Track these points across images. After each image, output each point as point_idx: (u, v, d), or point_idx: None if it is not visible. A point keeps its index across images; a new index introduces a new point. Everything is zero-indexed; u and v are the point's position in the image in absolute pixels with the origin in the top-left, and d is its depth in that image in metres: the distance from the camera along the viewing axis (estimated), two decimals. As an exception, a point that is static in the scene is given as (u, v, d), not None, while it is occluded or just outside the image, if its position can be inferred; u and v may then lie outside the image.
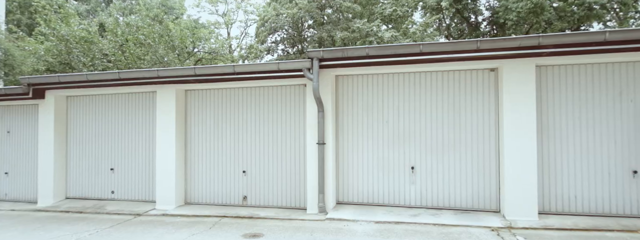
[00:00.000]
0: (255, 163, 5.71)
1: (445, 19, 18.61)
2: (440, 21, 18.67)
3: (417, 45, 4.52)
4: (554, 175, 4.64)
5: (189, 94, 6.05)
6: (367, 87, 5.34)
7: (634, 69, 4.48)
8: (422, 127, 5.11)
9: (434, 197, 5.04)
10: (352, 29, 14.60)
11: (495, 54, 4.49)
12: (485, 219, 4.56)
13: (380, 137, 5.26)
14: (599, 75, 4.57)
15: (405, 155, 5.16)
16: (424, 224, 4.52)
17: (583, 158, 4.58)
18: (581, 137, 4.59)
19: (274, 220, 5.03)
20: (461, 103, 4.99)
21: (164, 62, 14.77)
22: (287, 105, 5.58)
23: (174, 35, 15.02)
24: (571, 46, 4.19)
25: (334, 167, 5.34)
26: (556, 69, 4.67)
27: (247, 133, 5.76)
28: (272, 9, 15.44)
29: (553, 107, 4.67)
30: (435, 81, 5.09)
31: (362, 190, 5.32)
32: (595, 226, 4.18)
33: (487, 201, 4.86)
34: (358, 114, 5.36)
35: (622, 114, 4.50)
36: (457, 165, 4.97)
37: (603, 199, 4.52)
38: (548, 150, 4.67)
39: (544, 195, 4.67)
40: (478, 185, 4.90)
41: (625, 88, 4.50)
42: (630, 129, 4.47)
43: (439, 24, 18.62)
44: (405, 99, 5.19)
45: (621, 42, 4.07)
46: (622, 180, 4.47)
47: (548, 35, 4.14)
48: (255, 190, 5.71)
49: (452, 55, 4.55)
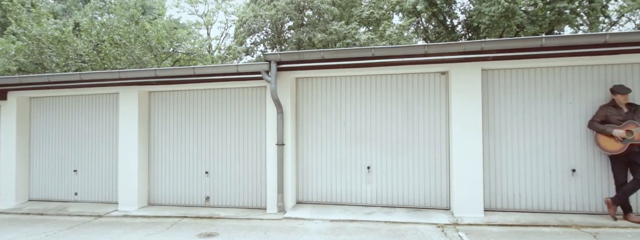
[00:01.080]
0: (218, 164, 5.79)
1: (423, 21, 19.01)
2: (419, 24, 19.05)
3: (369, 50, 4.68)
4: (500, 173, 4.87)
5: (153, 96, 6.09)
6: (326, 89, 5.49)
7: (572, 72, 4.75)
8: (378, 128, 5.28)
9: (388, 195, 5.21)
10: (330, 31, 14.78)
11: (444, 58, 4.68)
12: (434, 216, 4.75)
13: (339, 137, 5.41)
14: (541, 79, 4.82)
15: (362, 155, 5.32)
16: (376, 222, 4.68)
17: (526, 157, 4.82)
18: (524, 137, 4.83)
19: (232, 220, 5.12)
20: (415, 105, 5.18)
21: (141, 63, 14.67)
22: (249, 106, 5.69)
23: (150, 36, 14.92)
24: (512, 51, 4.41)
25: (294, 168, 5.46)
26: (501, 72, 4.90)
27: (210, 134, 5.84)
28: (250, 10, 15.48)
29: (498, 109, 4.89)
30: (391, 84, 5.27)
31: (321, 190, 5.45)
32: (534, 222, 4.41)
33: (439, 199, 5.05)
34: (317, 115, 5.50)
35: (562, 115, 4.75)
36: (411, 165, 5.16)
37: (545, 196, 4.76)
38: (494, 150, 4.89)
39: (490, 193, 4.89)
40: (430, 184, 5.09)
41: (565, 91, 4.75)
42: (569, 130, 4.72)
43: (417, 27, 19.00)
44: (363, 100, 5.35)
45: (557, 48, 4.31)
46: (562, 178, 4.72)
47: (489, 41, 4.36)
48: (217, 190, 5.78)
49: (403, 59, 4.73)
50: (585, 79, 4.71)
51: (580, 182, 4.68)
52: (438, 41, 18.17)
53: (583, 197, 4.67)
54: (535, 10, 17.24)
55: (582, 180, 4.68)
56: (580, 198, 4.68)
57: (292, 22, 17.76)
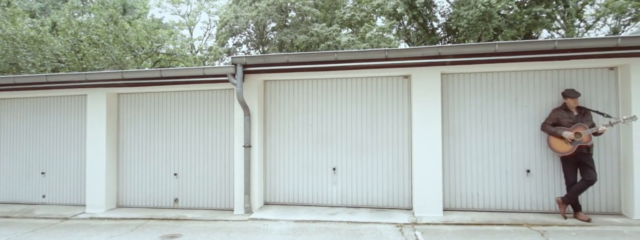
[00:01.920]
0: (186, 166, 5.81)
1: (405, 24, 19.26)
2: (401, 26, 19.30)
3: (332, 53, 4.79)
4: (459, 174, 5.03)
5: (122, 98, 6.08)
6: (293, 92, 5.57)
7: (527, 77, 4.94)
8: (343, 130, 5.39)
9: (353, 196, 5.32)
10: (311, 32, 14.87)
11: (406, 62, 4.82)
12: (396, 216, 4.88)
13: (305, 139, 5.50)
14: (498, 83, 5.00)
15: (328, 157, 5.42)
16: (338, 222, 4.78)
17: (484, 158, 4.99)
18: (482, 139, 5.00)
19: (198, 221, 5.15)
20: (379, 108, 5.30)
21: (121, 64, 14.53)
22: (217, 109, 5.73)
23: (130, 36, 14.78)
24: (468, 56, 4.57)
25: (262, 169, 5.53)
26: (460, 76, 5.06)
27: (179, 136, 5.86)
28: (232, 11, 15.47)
29: (458, 112, 5.05)
30: (356, 87, 5.38)
31: (288, 191, 5.53)
32: (489, 221, 4.57)
33: (401, 199, 5.19)
34: (285, 118, 5.57)
35: (518, 118, 4.93)
36: (375, 166, 5.28)
37: (501, 196, 4.94)
38: (454, 152, 5.05)
39: (450, 194, 5.04)
40: (393, 184, 5.22)
41: (521, 94, 4.94)
42: (525, 132, 4.91)
43: (399, 29, 19.24)
44: (329, 103, 5.45)
45: (511, 53, 4.48)
46: (517, 178, 4.90)
47: (445, 46, 4.50)
48: (186, 192, 5.81)
49: (366, 63, 4.85)
50: (539, 83, 4.91)
51: (534, 182, 4.87)
52: (419, 43, 18.45)
53: (537, 196, 4.86)
54: (513, 14, 17.66)
55: (536, 181, 4.87)
56: (534, 197, 4.86)
57: (274, 23, 17.81)
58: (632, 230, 4.06)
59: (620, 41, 4.15)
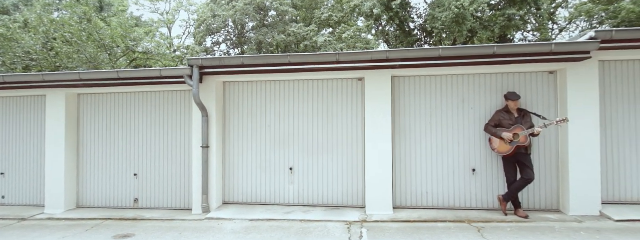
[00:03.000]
0: (146, 166, 5.86)
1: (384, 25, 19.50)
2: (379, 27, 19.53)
3: (285, 56, 4.91)
4: (409, 173, 5.22)
5: (82, 98, 6.08)
6: (252, 94, 5.67)
7: (473, 80, 5.15)
8: (300, 131, 5.52)
9: (309, 195, 5.47)
10: (288, 32, 14.95)
11: (359, 65, 4.97)
12: (348, 214, 5.04)
13: (264, 140, 5.61)
14: (446, 85, 5.20)
15: (285, 157, 5.54)
16: (291, 221, 4.92)
17: (433, 158, 5.19)
18: (431, 139, 5.20)
19: (155, 221, 5.22)
20: (335, 109, 5.45)
21: (95, 62, 14.35)
22: (177, 109, 5.79)
23: (104, 34, 14.60)
24: (415, 60, 4.76)
25: (221, 169, 5.62)
26: (410, 79, 5.25)
27: (139, 137, 5.89)
28: (209, 10, 15.42)
29: (408, 113, 5.24)
30: (313, 89, 5.52)
31: (247, 191, 5.64)
32: (434, 218, 4.77)
33: (355, 198, 5.35)
34: (244, 119, 5.67)
35: (464, 119, 5.15)
36: (331, 166, 5.43)
37: (449, 194, 5.15)
38: (405, 152, 5.24)
39: (401, 192, 5.24)
40: (348, 183, 5.38)
41: (467, 97, 5.16)
42: (471, 133, 5.13)
43: (377, 30, 19.47)
44: (287, 105, 5.58)
45: (454, 58, 4.68)
46: (464, 177, 5.12)
47: (393, 51, 4.67)
48: (146, 192, 5.85)
49: (318, 66, 4.99)
50: (485, 86, 5.13)
51: (479, 180, 5.10)
52: (397, 44, 18.72)
53: (482, 194, 5.09)
54: (488, 16, 18.08)
55: (481, 179, 5.10)
56: (479, 195, 5.10)
57: (253, 22, 17.81)
58: (563, 226, 4.32)
59: (554, 47, 4.39)
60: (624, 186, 4.85)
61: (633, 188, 4.83)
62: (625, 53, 4.68)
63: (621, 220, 4.36)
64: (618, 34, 4.33)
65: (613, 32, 4.32)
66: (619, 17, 15.39)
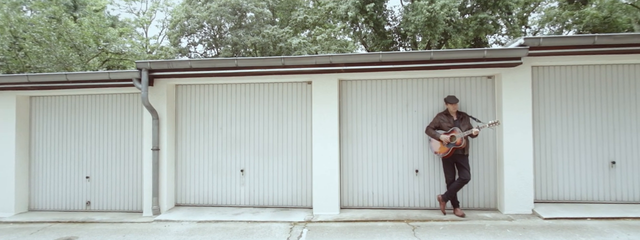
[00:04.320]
0: (99, 169, 5.86)
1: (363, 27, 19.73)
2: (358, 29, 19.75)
3: (232, 60, 5.00)
4: (356, 174, 5.37)
5: (34, 101, 6.03)
6: (204, 96, 5.74)
7: (416, 84, 5.34)
8: (251, 133, 5.61)
9: (260, 196, 5.56)
10: (263, 34, 15.00)
11: (306, 69, 5.09)
12: (295, 215, 5.15)
13: (216, 142, 5.68)
14: (391, 89, 5.37)
15: (237, 159, 5.63)
16: (238, 222, 5.01)
17: (379, 159, 5.35)
18: (378, 141, 5.36)
19: (103, 223, 5.23)
20: (285, 112, 5.56)
21: (65, 63, 14.13)
22: (128, 112, 5.81)
23: (75, 34, 14.39)
24: (357, 65, 4.91)
25: (173, 171, 5.66)
26: (356, 83, 5.40)
27: (92, 139, 5.89)
28: (184, 10, 15.36)
29: (355, 116, 5.40)
30: (263, 92, 5.62)
31: (199, 192, 5.70)
32: (376, 217, 4.93)
33: (304, 199, 5.47)
34: (196, 121, 5.73)
35: (408, 122, 5.33)
36: (280, 168, 5.54)
37: (393, 194, 5.32)
38: (352, 153, 5.39)
39: (348, 193, 5.38)
40: (297, 185, 5.50)
41: (411, 100, 5.34)
42: (414, 135, 5.31)
43: (355, 32, 19.69)
44: (238, 107, 5.66)
45: (394, 63, 4.85)
46: (407, 178, 5.30)
47: (336, 55, 4.82)
48: (98, 195, 5.85)
49: (265, 70, 5.09)
50: (427, 90, 5.32)
51: (422, 181, 5.28)
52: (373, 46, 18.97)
53: (424, 194, 5.27)
54: (462, 20, 18.49)
55: (424, 180, 5.28)
56: (422, 195, 5.28)
57: (230, 23, 17.80)
58: (494, 224, 4.52)
59: (486, 53, 4.60)
60: (556, 186, 5.10)
61: (565, 187, 5.09)
62: (557, 59, 4.93)
63: (549, 218, 4.59)
64: (545, 41, 4.56)
65: (540, 39, 4.55)
66: (583, 22, 15.96)
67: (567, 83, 5.11)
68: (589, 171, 5.05)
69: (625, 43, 4.53)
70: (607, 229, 4.15)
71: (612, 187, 5.01)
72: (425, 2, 15.27)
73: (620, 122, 5.02)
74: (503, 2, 17.39)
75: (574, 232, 4.09)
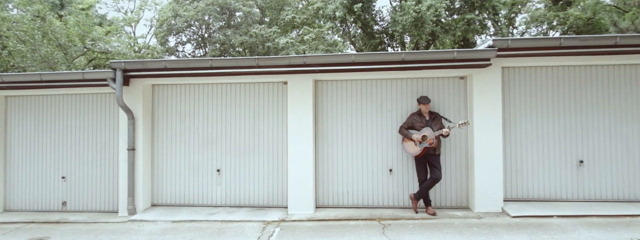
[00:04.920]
0: (75, 169, 5.84)
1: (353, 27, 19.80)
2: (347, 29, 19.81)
3: (206, 60, 5.02)
4: (331, 174, 5.42)
5: (9, 100, 5.99)
6: (181, 96, 5.74)
7: (391, 84, 5.41)
8: (228, 133, 5.64)
9: (236, 196, 5.59)
10: (250, 33, 15.00)
11: (280, 69, 5.13)
12: (270, 214, 5.19)
13: (192, 142, 5.69)
14: (366, 89, 5.43)
15: (213, 158, 5.64)
16: (213, 221, 5.03)
17: (354, 159, 5.41)
18: (352, 141, 5.42)
19: (77, 224, 5.22)
20: (261, 112, 5.60)
21: (50, 61, 14.01)
22: (104, 112, 5.79)
23: (59, 33, 14.25)
24: (330, 65, 4.96)
25: (149, 171, 5.66)
26: (332, 83, 5.46)
27: (68, 139, 5.86)
28: (171, 9, 15.28)
29: (329, 116, 5.45)
30: (240, 92, 5.64)
31: (175, 192, 5.71)
32: (349, 216, 4.98)
33: (279, 198, 5.51)
34: (173, 121, 5.74)
35: (382, 122, 5.39)
36: (256, 167, 5.57)
37: (368, 193, 5.38)
38: (327, 153, 5.44)
39: (323, 192, 5.43)
40: (273, 184, 5.53)
41: (385, 100, 5.40)
42: (388, 135, 5.37)
43: (344, 32, 19.74)
44: (215, 107, 5.68)
45: (367, 64, 4.91)
46: (381, 177, 5.37)
47: (309, 56, 4.86)
48: (74, 195, 5.83)
49: (239, 70, 5.12)
50: (401, 90, 5.39)
51: (396, 180, 5.35)
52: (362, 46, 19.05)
53: (398, 193, 5.34)
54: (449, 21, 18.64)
55: (397, 179, 5.35)
56: (396, 194, 5.35)
57: (219, 22, 17.75)
58: (462, 222, 4.60)
59: (456, 54, 4.68)
60: (526, 184, 5.20)
61: (534, 186, 5.19)
62: (526, 60, 5.03)
63: (517, 216, 4.69)
64: (513, 42, 4.65)
65: (508, 41, 4.64)
66: (567, 23, 16.19)
67: (537, 83, 5.21)
68: (558, 170, 5.16)
69: (591, 45, 4.64)
70: (570, 227, 4.25)
71: (580, 186, 5.13)
72: (412, 2, 15.37)
73: (588, 122, 5.14)
74: (490, 3, 17.56)
75: (538, 230, 4.19)
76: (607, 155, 5.09)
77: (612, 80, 5.12)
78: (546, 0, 18.07)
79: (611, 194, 5.09)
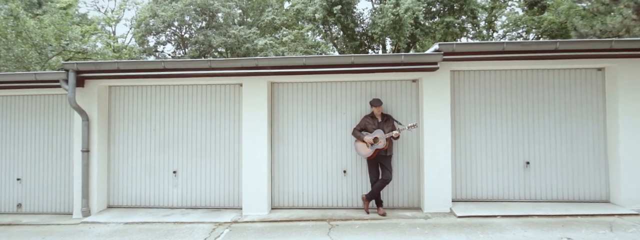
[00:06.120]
0: (31, 170, 5.78)
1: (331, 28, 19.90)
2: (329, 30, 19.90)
3: (160, 62, 5.03)
4: (287, 175, 5.48)
5: (-37, 101, 5.91)
6: (138, 98, 5.74)
7: (345, 87, 5.49)
8: (184, 135, 5.65)
9: (192, 198, 5.60)
10: (228, 34, 14.98)
11: (234, 71, 5.17)
12: (224, 216, 5.22)
13: (149, 144, 5.69)
14: (322, 92, 5.51)
15: (170, 160, 5.65)
16: (165, 223, 5.03)
17: (309, 160, 5.47)
18: (308, 143, 5.48)
19: (28, 226, 5.17)
20: (217, 114, 5.62)
21: (23, 61, 13.80)
22: (60, 113, 5.75)
23: (33, 32, 14.04)
24: (283, 68, 5.02)
25: (104, 173, 5.63)
26: (287, 85, 5.52)
27: (23, 140, 5.80)
28: (148, 9, 15.18)
29: (286, 118, 5.50)
30: (197, 94, 5.66)
31: (132, 194, 5.69)
32: (301, 217, 5.04)
33: (235, 200, 5.55)
34: (129, 123, 5.72)
35: (337, 124, 5.47)
36: (213, 169, 5.59)
37: (323, 194, 5.45)
38: (283, 155, 5.50)
39: (279, 193, 5.48)
40: (228, 186, 5.56)
41: (340, 103, 5.48)
42: (342, 136, 5.45)
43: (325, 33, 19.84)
44: (171, 109, 5.69)
45: (318, 66, 4.98)
46: (336, 178, 5.44)
47: (262, 58, 4.91)
48: (30, 197, 5.77)
49: (192, 72, 5.14)
50: (356, 93, 5.48)
51: (350, 181, 5.43)
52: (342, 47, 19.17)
53: (352, 194, 5.42)
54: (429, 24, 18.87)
55: (351, 180, 5.43)
56: (349, 195, 5.43)
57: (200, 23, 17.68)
58: (408, 222, 4.70)
59: (403, 58, 4.78)
60: (476, 185, 5.33)
61: (483, 187, 5.32)
62: (474, 64, 5.15)
63: (462, 216, 4.81)
64: (458, 46, 4.78)
65: (454, 46, 4.77)
66: (541, 27, 16.56)
67: (485, 87, 5.35)
68: (506, 171, 5.30)
69: (533, 49, 4.80)
70: (509, 226, 4.38)
71: (527, 187, 5.28)
72: (391, 5, 15.54)
73: (534, 125, 5.29)
74: (468, 6, 17.84)
75: (477, 230, 4.30)
76: (553, 156, 5.25)
77: (556, 83, 5.29)
78: (522, 4, 18.41)
79: (557, 194, 5.25)
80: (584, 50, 4.78)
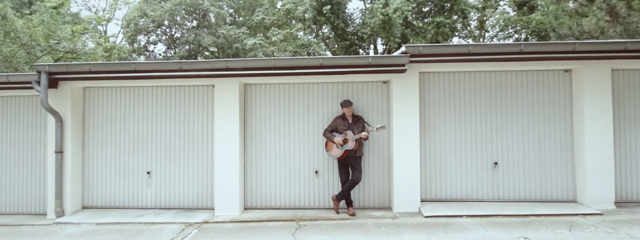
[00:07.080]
0: (4, 171, 5.80)
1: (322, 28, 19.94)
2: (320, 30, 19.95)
3: (130, 64, 5.07)
4: (260, 176, 5.53)
5: (-62, 102, 5.93)
6: (112, 99, 5.77)
7: (318, 88, 5.54)
8: (158, 136, 5.69)
9: (166, 198, 5.65)
10: (218, 34, 15.00)
11: (206, 73, 5.21)
12: (196, 216, 5.26)
13: (123, 144, 5.73)
14: (293, 93, 5.56)
15: (143, 161, 5.69)
16: (136, 223, 5.08)
17: (282, 161, 5.53)
18: (280, 143, 5.53)
19: (2, 226, 5.20)
20: (189, 115, 5.66)
21: (11, 61, 13.80)
22: (32, 114, 5.78)
23: (22, 32, 14.03)
24: (253, 69, 5.07)
25: (78, 174, 5.67)
26: (260, 87, 5.56)
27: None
28: (138, 9, 15.19)
29: (258, 119, 5.55)
30: (171, 95, 5.70)
31: (106, 194, 5.73)
32: (272, 217, 5.10)
33: (207, 200, 5.59)
34: (104, 124, 5.76)
35: (309, 125, 5.52)
36: (186, 169, 5.64)
37: (295, 195, 5.51)
38: (256, 155, 5.55)
39: (252, 193, 5.54)
40: (201, 186, 5.61)
41: (312, 104, 5.53)
42: (314, 137, 5.51)
43: (317, 33, 19.88)
44: (145, 110, 5.72)
45: (288, 68, 5.03)
46: (308, 178, 5.50)
47: (232, 60, 4.96)
48: (5, 197, 5.80)
49: (164, 73, 5.18)
50: (328, 94, 5.53)
51: (321, 181, 5.49)
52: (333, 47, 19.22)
53: (323, 194, 5.48)
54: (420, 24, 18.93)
55: (323, 180, 5.49)
56: (321, 195, 5.48)
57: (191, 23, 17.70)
58: (375, 223, 4.76)
59: (371, 60, 4.84)
60: (445, 185, 5.40)
61: (452, 187, 5.39)
62: (442, 66, 5.21)
63: (429, 216, 4.87)
64: (424, 49, 4.84)
65: (420, 48, 4.82)
66: (529, 28, 16.64)
67: (453, 88, 5.41)
68: (475, 171, 5.36)
69: (498, 51, 4.86)
70: (472, 226, 4.45)
71: (495, 187, 5.34)
72: (380, 5, 15.58)
73: (502, 126, 5.36)
74: (458, 6, 17.90)
75: (439, 230, 4.36)
76: (520, 157, 5.32)
77: (525, 85, 5.36)
78: (511, 4, 18.49)
79: (524, 194, 5.32)
80: (548, 52, 4.84)
